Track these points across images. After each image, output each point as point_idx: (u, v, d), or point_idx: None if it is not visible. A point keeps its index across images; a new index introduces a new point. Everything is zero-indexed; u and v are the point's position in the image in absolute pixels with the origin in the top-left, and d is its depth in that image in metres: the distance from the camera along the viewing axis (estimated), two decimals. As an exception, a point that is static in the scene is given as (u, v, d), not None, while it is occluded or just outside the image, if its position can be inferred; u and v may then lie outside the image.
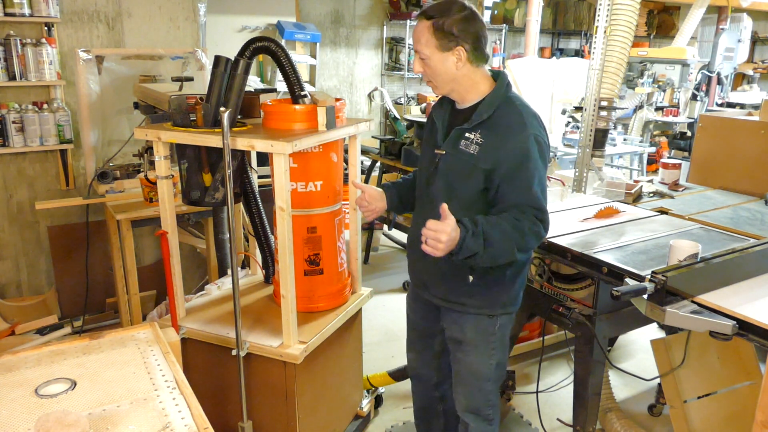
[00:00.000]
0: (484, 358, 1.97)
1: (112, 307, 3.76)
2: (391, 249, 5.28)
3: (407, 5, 6.27)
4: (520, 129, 1.77)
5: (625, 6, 2.86)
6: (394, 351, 3.33)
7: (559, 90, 5.04)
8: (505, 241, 1.71)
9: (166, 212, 2.20)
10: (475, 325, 1.94)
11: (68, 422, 1.17)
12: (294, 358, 2.10)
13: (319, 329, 2.25)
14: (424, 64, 1.80)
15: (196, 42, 3.90)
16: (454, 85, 1.83)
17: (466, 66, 1.79)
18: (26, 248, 3.69)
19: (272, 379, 2.19)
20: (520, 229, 1.73)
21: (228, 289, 2.58)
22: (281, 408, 2.21)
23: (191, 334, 2.26)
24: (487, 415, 2.05)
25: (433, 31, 1.74)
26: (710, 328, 1.68)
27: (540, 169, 1.78)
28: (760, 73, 8.45)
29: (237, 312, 2.06)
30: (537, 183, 1.76)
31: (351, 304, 2.51)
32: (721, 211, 2.76)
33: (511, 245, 1.72)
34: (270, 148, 1.93)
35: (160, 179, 2.16)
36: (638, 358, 3.44)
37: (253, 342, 2.15)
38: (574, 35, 8.26)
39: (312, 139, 2.04)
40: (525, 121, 1.78)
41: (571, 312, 2.25)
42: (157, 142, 2.11)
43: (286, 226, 2.02)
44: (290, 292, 2.09)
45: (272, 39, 2.18)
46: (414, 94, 6.74)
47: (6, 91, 3.42)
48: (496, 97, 1.82)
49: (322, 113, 2.13)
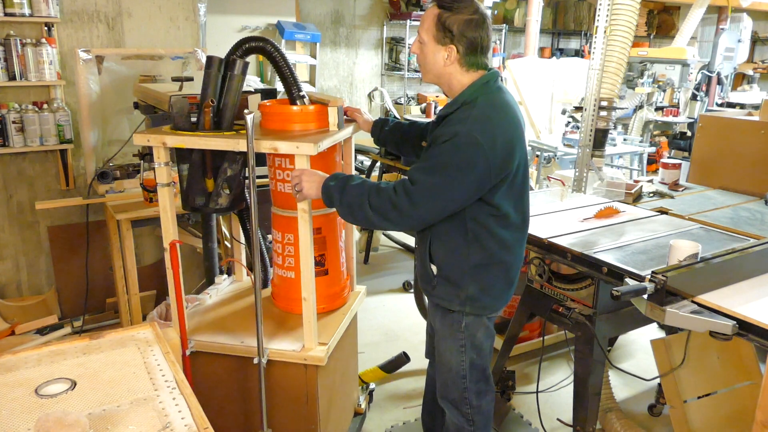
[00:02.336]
0: (453, 353, 2.02)
1: (112, 307, 3.76)
2: (391, 249, 5.28)
3: (407, 5, 6.27)
4: (460, 122, 1.75)
5: (625, 6, 2.86)
6: (394, 351, 3.33)
7: (559, 90, 5.04)
8: (358, 195, 1.78)
9: (168, 221, 2.09)
10: (442, 316, 2.02)
11: (68, 422, 1.17)
12: (319, 360, 2.10)
13: (333, 330, 2.26)
14: (419, 47, 1.85)
15: (196, 42, 3.90)
16: (438, 80, 1.88)
17: (454, 65, 1.81)
18: (26, 248, 3.69)
19: (292, 384, 2.17)
20: (380, 190, 1.77)
21: (220, 297, 2.58)
22: (301, 412, 2.19)
23: (201, 347, 2.19)
24: (465, 413, 2.06)
25: (436, 21, 1.77)
26: (710, 328, 1.68)
27: (450, 155, 1.71)
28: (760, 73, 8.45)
29: (259, 320, 2.04)
30: (433, 166, 1.73)
31: (352, 303, 2.51)
32: (721, 211, 2.76)
33: (363, 200, 1.77)
34: (295, 150, 1.93)
35: (161, 186, 2.06)
36: (638, 358, 3.44)
37: (272, 348, 2.13)
38: (574, 35, 8.26)
39: (329, 139, 2.05)
40: (469, 118, 1.74)
41: (571, 312, 2.25)
42: (158, 148, 2.01)
43: (308, 227, 2.03)
44: (311, 294, 2.09)
45: (266, 39, 2.17)
46: (414, 94, 6.74)
47: (6, 91, 3.42)
48: (463, 96, 1.81)
49: (333, 113, 2.14)
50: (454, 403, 2.08)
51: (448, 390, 2.09)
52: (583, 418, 2.29)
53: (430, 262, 1.96)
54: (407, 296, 4.26)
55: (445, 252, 1.92)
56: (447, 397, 2.10)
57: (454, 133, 1.73)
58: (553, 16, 7.78)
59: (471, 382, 2.04)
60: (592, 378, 2.25)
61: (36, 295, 3.75)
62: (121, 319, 3.45)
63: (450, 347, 2.02)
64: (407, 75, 6.45)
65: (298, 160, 1.95)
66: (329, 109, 2.14)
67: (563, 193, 2.93)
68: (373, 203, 1.77)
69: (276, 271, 2.40)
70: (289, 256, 2.28)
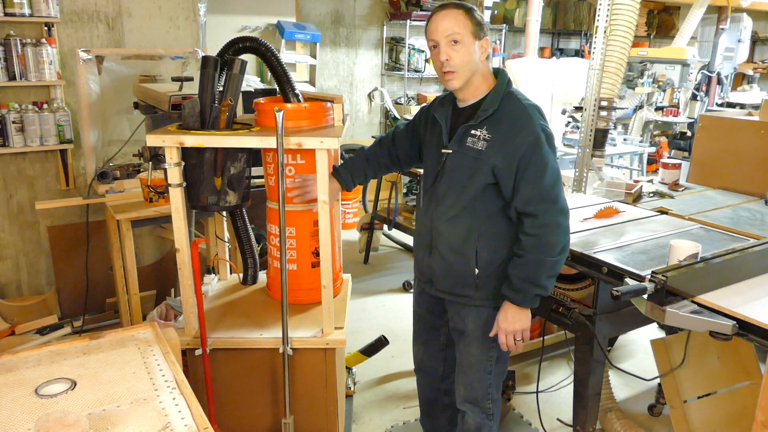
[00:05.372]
0: (484, 350, 2.02)
1: (112, 307, 3.76)
2: (391, 249, 5.28)
3: (407, 5, 6.27)
4: (527, 121, 1.82)
5: (625, 6, 2.86)
6: (394, 351, 3.33)
7: (559, 90, 5.04)
8: (542, 267, 1.84)
9: (180, 221, 2.07)
10: (477, 316, 1.99)
11: (68, 422, 1.17)
12: (340, 342, 2.19)
13: (342, 314, 2.35)
14: (455, 49, 1.81)
15: (196, 42, 3.91)
16: (473, 77, 1.86)
17: (484, 59, 1.86)
18: (26, 248, 3.69)
19: (313, 369, 2.24)
20: (539, 246, 1.83)
21: (217, 292, 2.59)
22: (320, 397, 2.27)
23: (218, 344, 2.20)
24: (486, 409, 2.08)
25: (469, 17, 1.80)
26: (710, 328, 1.68)
27: (550, 158, 1.82)
28: (760, 73, 8.45)
29: (284, 311, 2.10)
30: (549, 173, 1.81)
31: (347, 290, 2.59)
32: (721, 211, 2.76)
33: (541, 263, 1.84)
34: (320, 145, 2.01)
35: (173, 187, 2.04)
36: (638, 358, 3.44)
37: (294, 337, 2.18)
38: (574, 35, 8.25)
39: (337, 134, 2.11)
40: (530, 113, 1.83)
41: (571, 312, 2.25)
42: (171, 148, 1.99)
43: (328, 218, 2.10)
44: (330, 281, 2.16)
45: (257, 38, 2.20)
46: (414, 94, 6.74)
47: (6, 91, 3.42)
48: (499, 92, 1.87)
49: (339, 109, 2.26)
50: (477, 402, 2.07)
51: (473, 390, 2.07)
52: (583, 418, 2.29)
53: (476, 265, 1.93)
54: (407, 296, 4.26)
55: (490, 252, 1.92)
56: (470, 397, 2.08)
57: (532, 130, 1.80)
58: (553, 16, 7.77)
59: (495, 376, 2.07)
60: (592, 378, 2.25)
61: (36, 295, 3.75)
62: (121, 319, 3.45)
63: (482, 346, 2.02)
64: (407, 75, 6.44)
65: (320, 154, 2.02)
66: (334, 105, 2.26)
67: (563, 193, 2.93)
68: (552, 253, 1.84)
69: (274, 264, 2.42)
70: (291, 249, 2.32)
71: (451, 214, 1.92)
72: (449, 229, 1.93)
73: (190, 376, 2.18)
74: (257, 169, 2.45)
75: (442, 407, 2.35)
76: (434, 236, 1.98)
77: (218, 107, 2.09)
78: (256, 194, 2.52)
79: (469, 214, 1.89)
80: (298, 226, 2.29)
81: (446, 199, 1.92)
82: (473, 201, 1.88)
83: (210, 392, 2.19)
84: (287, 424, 2.18)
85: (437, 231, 1.96)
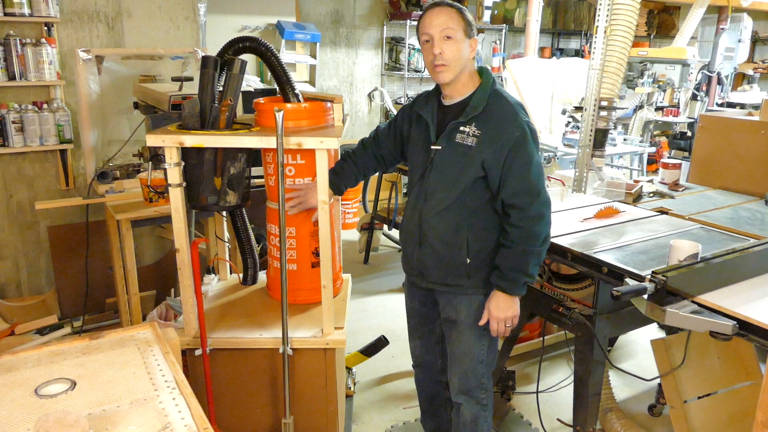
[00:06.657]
0: (475, 338, 2.06)
1: (112, 307, 3.76)
2: (391, 249, 5.28)
3: (407, 5, 6.27)
4: (513, 118, 1.90)
5: (625, 6, 2.86)
6: (394, 351, 3.33)
7: (559, 90, 5.04)
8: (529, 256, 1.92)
9: (180, 222, 2.05)
10: (469, 304, 2.04)
11: (68, 422, 1.17)
12: (341, 342, 2.19)
13: (342, 314, 2.34)
14: (447, 43, 1.87)
15: (196, 42, 3.91)
16: (461, 74, 1.93)
17: (472, 58, 1.94)
18: (26, 248, 3.69)
19: (313, 369, 2.24)
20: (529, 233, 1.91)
21: (217, 292, 2.59)
22: (320, 396, 2.27)
23: (218, 344, 2.20)
24: (480, 399, 2.12)
25: (462, 16, 1.89)
26: (710, 328, 1.68)
27: (535, 153, 1.92)
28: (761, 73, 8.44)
29: (284, 311, 2.09)
30: (534, 167, 1.90)
31: (347, 290, 2.59)
32: (722, 211, 2.76)
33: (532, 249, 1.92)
34: (320, 145, 2.01)
35: (173, 187, 2.02)
36: (638, 358, 3.44)
37: (294, 337, 2.18)
38: (574, 35, 8.25)
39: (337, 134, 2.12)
40: (515, 110, 1.92)
41: (571, 312, 2.25)
42: (171, 148, 1.97)
43: (328, 218, 2.11)
44: (330, 281, 2.16)
45: (257, 38, 2.21)
46: (414, 94, 6.74)
47: (6, 91, 3.42)
48: (486, 91, 1.94)
49: (339, 109, 2.27)
50: (471, 393, 2.11)
51: (467, 380, 2.11)
52: (583, 418, 2.29)
53: (467, 254, 1.99)
54: (407, 296, 4.25)
55: (480, 241, 1.99)
56: (464, 388, 2.12)
57: (518, 126, 1.88)
58: (553, 16, 7.77)
59: (486, 366, 2.11)
60: (592, 378, 2.25)
61: (36, 295, 3.75)
62: (121, 319, 3.45)
63: (474, 333, 2.06)
64: (407, 75, 6.45)
65: (320, 154, 2.02)
66: (335, 105, 2.27)
67: (563, 193, 2.93)
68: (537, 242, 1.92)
69: (274, 264, 2.42)
70: (290, 249, 2.32)
71: (441, 207, 1.97)
72: (440, 222, 1.98)
73: (190, 376, 2.17)
74: (257, 169, 2.45)
75: (444, 402, 2.37)
76: (424, 229, 2.02)
77: (218, 107, 2.09)
78: (256, 194, 2.52)
79: (459, 206, 1.95)
80: (298, 226, 2.29)
81: (437, 194, 1.97)
82: (463, 194, 1.94)
83: (210, 392, 2.19)
84: (287, 425, 2.18)
85: (428, 224, 2.00)
